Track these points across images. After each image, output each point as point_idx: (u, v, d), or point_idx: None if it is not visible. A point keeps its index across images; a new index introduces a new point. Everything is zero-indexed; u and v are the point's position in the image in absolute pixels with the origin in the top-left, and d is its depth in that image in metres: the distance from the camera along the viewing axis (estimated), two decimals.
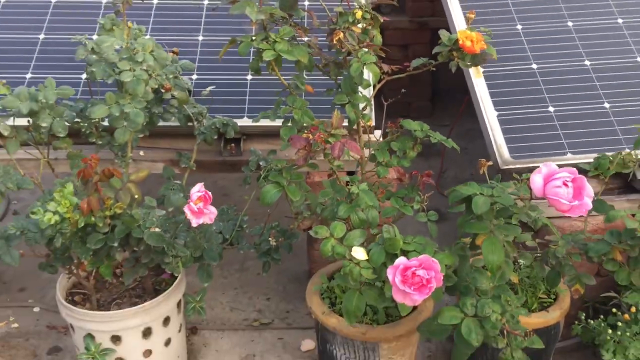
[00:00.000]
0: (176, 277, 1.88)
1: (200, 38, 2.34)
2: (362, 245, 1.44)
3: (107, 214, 1.54)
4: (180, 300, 1.92)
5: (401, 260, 1.32)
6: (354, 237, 1.44)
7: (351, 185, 1.55)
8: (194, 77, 2.23)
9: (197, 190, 1.56)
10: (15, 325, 2.27)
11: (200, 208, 1.53)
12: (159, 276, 1.96)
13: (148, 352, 1.87)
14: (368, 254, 1.42)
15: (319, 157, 1.58)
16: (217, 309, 2.35)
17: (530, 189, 1.29)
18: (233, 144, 2.12)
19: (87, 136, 1.86)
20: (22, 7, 2.40)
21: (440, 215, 1.72)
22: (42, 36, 2.33)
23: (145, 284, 1.92)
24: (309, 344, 2.17)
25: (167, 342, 1.91)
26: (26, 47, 2.29)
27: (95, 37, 1.87)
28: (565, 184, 1.24)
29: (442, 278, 1.32)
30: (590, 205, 1.26)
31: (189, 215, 1.53)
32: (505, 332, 1.38)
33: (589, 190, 1.27)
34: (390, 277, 1.31)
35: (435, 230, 1.61)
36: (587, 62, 2.27)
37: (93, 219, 1.52)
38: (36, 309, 2.35)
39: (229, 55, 1.95)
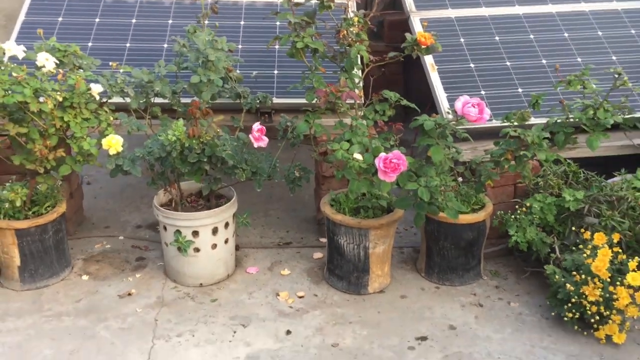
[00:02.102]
0: (231, 199, 2.82)
1: (240, 46, 3.33)
2: (360, 153, 2.41)
3: (201, 140, 2.49)
4: (234, 214, 2.85)
5: (383, 154, 2.29)
6: (354, 148, 2.41)
7: (353, 121, 2.52)
8: (238, 71, 3.21)
9: (257, 126, 2.52)
10: (108, 246, 3.18)
11: (259, 136, 2.50)
12: (218, 200, 2.89)
13: (214, 246, 2.79)
14: (363, 157, 2.39)
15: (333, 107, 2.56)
16: (251, 237, 3.27)
17: (456, 111, 2.28)
18: (266, 115, 3.09)
19: (172, 105, 2.82)
20: (110, 25, 3.39)
21: (407, 147, 2.70)
22: (128, 45, 3.31)
23: (210, 203, 2.85)
24: (317, 254, 3.10)
25: (226, 241, 2.84)
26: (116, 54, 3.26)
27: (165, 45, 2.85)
28: (473, 106, 2.23)
29: (406, 164, 2.29)
30: (488, 118, 2.25)
31: (252, 139, 2.49)
32: (442, 193, 2.34)
33: (487, 110, 2.26)
34: (377, 162, 2.28)
35: (403, 151, 2.58)
36: (508, 63, 3.31)
37: (194, 141, 2.47)
38: (121, 237, 3.26)
39: (263, 56, 2.95)
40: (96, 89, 2.54)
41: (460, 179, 2.76)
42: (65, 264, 2.90)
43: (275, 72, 3.24)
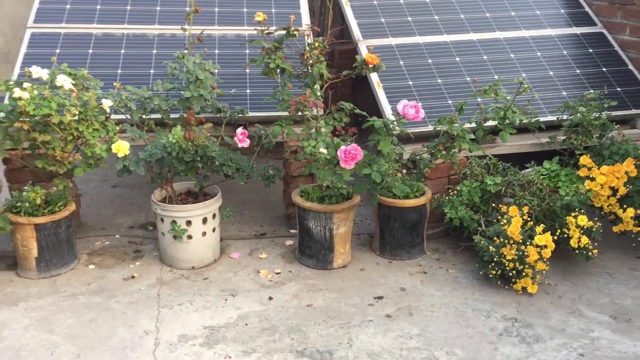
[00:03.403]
0: (216, 195, 3.38)
1: (216, 71, 3.93)
2: (326, 147, 3.03)
3: (195, 143, 3.07)
4: (219, 207, 3.40)
5: (343, 147, 2.92)
6: (320, 144, 3.03)
7: (317, 124, 3.15)
8: (217, 90, 3.81)
9: (240, 130, 3.12)
10: (107, 243, 3.67)
11: (242, 138, 3.09)
12: (205, 197, 3.45)
13: (204, 233, 3.34)
14: (327, 151, 3.01)
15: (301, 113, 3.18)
16: (231, 231, 3.82)
17: (398, 112, 2.94)
18: (242, 126, 3.68)
19: (163, 119, 3.39)
20: (102, 55, 3.94)
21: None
22: (119, 71, 3.87)
23: (198, 200, 3.40)
24: (289, 242, 3.68)
25: (213, 230, 3.39)
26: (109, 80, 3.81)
27: (152, 70, 3.43)
28: (411, 107, 2.90)
29: (362, 155, 2.92)
30: (422, 117, 2.92)
31: (237, 141, 3.08)
32: (390, 176, 2.98)
33: (422, 111, 2.93)
34: (339, 154, 2.90)
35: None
36: (439, 80, 4.02)
37: (189, 144, 3.04)
38: (117, 236, 3.76)
39: (237, 78, 3.56)
40: (106, 103, 3.09)
41: (404, 171, 3.41)
42: (73, 256, 3.38)
43: (248, 91, 3.85)
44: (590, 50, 4.34)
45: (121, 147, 3.02)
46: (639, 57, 4.26)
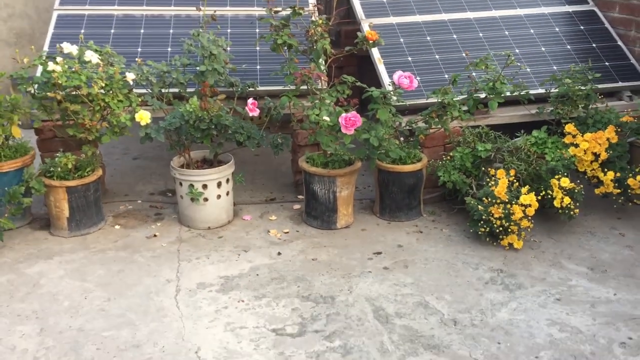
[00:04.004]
0: (229, 161, 3.70)
1: (229, 48, 4.24)
2: (328, 115, 3.33)
3: (209, 112, 3.38)
4: (232, 173, 3.72)
5: (344, 114, 3.22)
6: (323, 113, 3.33)
7: (321, 94, 3.45)
8: (230, 65, 4.11)
9: (251, 100, 3.42)
10: (130, 207, 4.01)
11: (253, 107, 3.39)
12: (219, 164, 3.77)
13: (219, 196, 3.66)
14: (330, 118, 3.31)
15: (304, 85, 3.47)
16: (243, 197, 4.15)
17: (393, 82, 3.22)
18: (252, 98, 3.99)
19: (180, 92, 3.70)
20: (124, 34, 4.25)
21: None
22: (139, 49, 4.18)
23: (213, 164, 3.72)
24: (297, 206, 4.00)
25: (227, 193, 3.71)
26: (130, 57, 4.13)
27: (169, 49, 3.73)
28: (406, 77, 3.19)
29: (361, 121, 3.22)
30: (416, 86, 3.20)
31: (247, 110, 3.39)
32: (387, 140, 3.28)
33: (416, 81, 3.22)
34: (340, 120, 3.20)
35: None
36: (437, 56, 4.29)
37: (205, 113, 3.35)
38: (139, 201, 4.09)
39: (247, 55, 3.85)
40: (130, 76, 3.41)
41: (402, 139, 3.70)
42: (101, 217, 3.72)
43: (258, 67, 4.15)
44: (582, 27, 4.59)
45: (144, 116, 3.34)
46: (627, 34, 4.50)
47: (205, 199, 3.62)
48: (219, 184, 3.63)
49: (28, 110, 3.48)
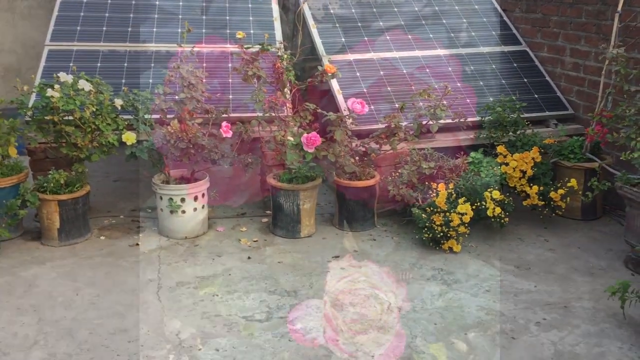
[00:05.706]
0: (204, 178, 4.17)
1: (205, 80, 4.75)
2: (292, 136, 3.85)
3: (188, 133, 3.86)
4: (207, 188, 4.18)
5: (305, 134, 3.74)
6: (289, 134, 3.85)
7: (287, 119, 3.97)
8: (206, 94, 4.61)
9: (225, 123, 3.93)
10: (114, 221, 4.43)
11: (227, 129, 3.90)
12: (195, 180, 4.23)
13: (195, 209, 4.11)
14: (294, 138, 3.83)
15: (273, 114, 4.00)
16: (217, 212, 4.61)
17: (348, 108, 3.76)
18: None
19: (161, 118, 4.19)
20: (109, 68, 4.73)
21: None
22: (123, 80, 4.66)
23: (191, 179, 4.18)
24: (265, 220, 4.47)
25: (202, 207, 4.17)
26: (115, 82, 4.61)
27: (151, 80, 4.23)
28: (358, 103, 3.73)
29: (320, 141, 3.74)
30: (367, 110, 3.75)
31: (222, 132, 3.89)
32: (342, 156, 3.80)
33: (367, 107, 3.76)
34: (302, 139, 3.72)
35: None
36: (389, 88, 4.87)
37: (184, 134, 3.83)
38: (121, 216, 4.52)
39: (221, 87, 4.38)
40: (118, 102, 3.89)
41: (357, 158, 4.23)
42: (87, 229, 4.14)
43: (231, 96, 4.67)
44: (515, 65, 5.24)
45: (130, 137, 3.81)
46: (554, 70, 5.17)
47: (183, 211, 4.07)
48: (195, 198, 4.09)
49: (26, 132, 3.91)
